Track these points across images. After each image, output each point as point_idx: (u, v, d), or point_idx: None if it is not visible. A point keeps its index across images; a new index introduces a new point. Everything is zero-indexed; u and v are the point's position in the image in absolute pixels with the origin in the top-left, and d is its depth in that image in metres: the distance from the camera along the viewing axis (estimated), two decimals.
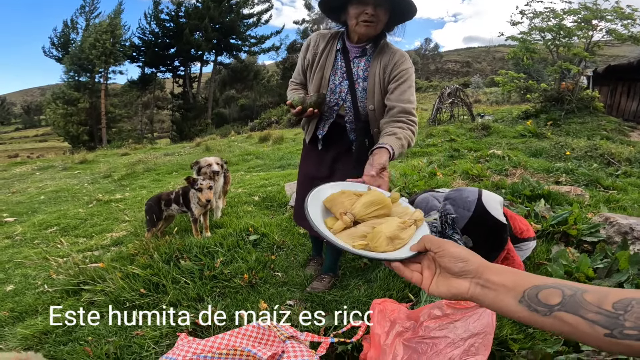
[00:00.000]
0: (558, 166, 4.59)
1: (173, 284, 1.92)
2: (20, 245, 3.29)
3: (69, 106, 24.10)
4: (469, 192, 1.87)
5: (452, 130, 7.42)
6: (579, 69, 8.27)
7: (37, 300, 2.03)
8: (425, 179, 3.84)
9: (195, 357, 1.26)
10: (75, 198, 5.08)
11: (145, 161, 7.41)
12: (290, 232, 2.63)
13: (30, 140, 48.56)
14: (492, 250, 1.76)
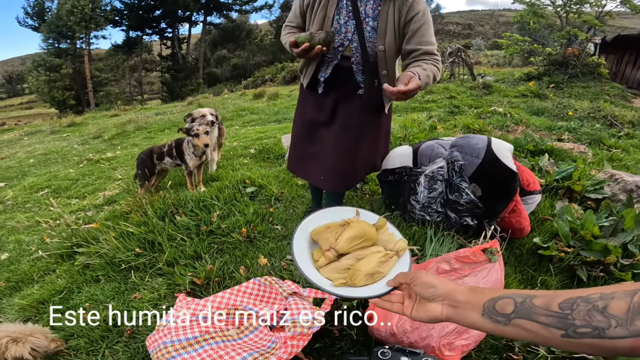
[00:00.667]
0: (560, 125, 4.54)
1: (169, 241, 1.86)
2: (12, 210, 3.23)
3: (51, 73, 23.26)
4: (477, 139, 1.78)
5: (452, 87, 7.23)
6: (588, 36, 8.17)
7: (32, 267, 1.98)
8: (426, 131, 3.75)
9: (194, 319, 1.21)
10: (65, 159, 4.93)
11: (135, 121, 7.18)
12: (288, 183, 2.55)
13: (15, 108, 46.90)
14: (501, 200, 1.70)
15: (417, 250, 1.70)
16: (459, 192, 1.71)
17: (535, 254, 1.77)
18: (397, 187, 1.94)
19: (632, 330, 0.43)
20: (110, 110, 12.26)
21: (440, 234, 1.74)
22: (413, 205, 1.87)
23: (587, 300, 0.48)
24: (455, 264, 1.39)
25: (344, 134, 1.59)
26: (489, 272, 1.38)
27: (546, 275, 1.62)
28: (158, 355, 1.09)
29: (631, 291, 0.46)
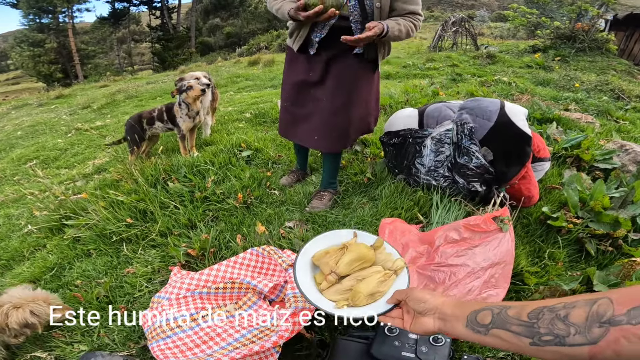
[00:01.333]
0: (567, 95, 4.43)
1: (162, 210, 1.76)
2: (0, 184, 3.10)
3: (35, 48, 22.26)
4: (489, 102, 1.67)
5: (454, 56, 7.01)
6: (599, 12, 7.93)
7: (22, 243, 1.90)
8: (428, 97, 3.62)
9: (189, 295, 1.14)
10: (53, 130, 4.75)
11: (126, 90, 6.90)
12: (285, 146, 2.43)
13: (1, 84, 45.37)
14: (514, 165, 1.61)
15: (423, 217, 1.63)
16: (468, 156, 1.61)
17: (543, 224, 1.69)
18: (401, 150, 1.84)
19: (589, 338, 0.45)
20: (100, 82, 11.80)
21: (447, 200, 1.66)
22: (418, 169, 1.78)
23: (551, 310, 0.50)
24: (465, 232, 1.31)
25: (337, 91, 1.57)
26: (499, 242, 1.31)
27: (554, 247, 1.54)
28: (153, 334, 1.02)
29: (591, 300, 0.48)
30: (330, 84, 1.57)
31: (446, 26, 8.85)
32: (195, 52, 25.59)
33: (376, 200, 1.81)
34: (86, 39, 25.70)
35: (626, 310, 0.43)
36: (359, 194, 1.88)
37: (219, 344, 0.98)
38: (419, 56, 7.82)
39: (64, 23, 23.50)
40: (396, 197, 1.74)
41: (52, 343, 1.20)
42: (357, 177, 1.98)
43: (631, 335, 0.42)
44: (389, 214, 1.63)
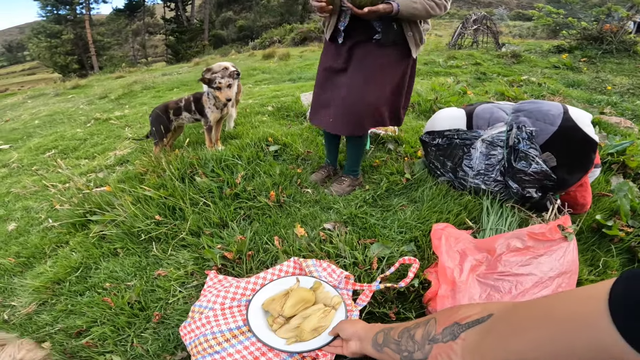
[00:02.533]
0: (600, 98, 4.24)
1: (191, 206, 1.67)
2: (18, 174, 3.02)
3: (52, 39, 22.55)
4: (550, 105, 1.56)
5: (476, 54, 6.81)
6: (628, 14, 7.74)
7: (42, 239, 1.79)
8: (457, 95, 3.48)
9: (235, 304, 1.03)
10: (71, 119, 4.69)
11: (142, 81, 6.84)
12: (313, 142, 2.32)
13: (17, 74, 46.06)
14: (576, 172, 1.49)
15: (472, 223, 1.51)
16: (526, 161, 1.48)
17: (596, 232, 1.59)
18: (446, 151, 1.72)
19: (424, 353, 0.52)
20: (115, 73, 11.81)
21: (498, 206, 1.54)
22: (465, 172, 1.65)
23: (408, 330, 0.59)
24: (529, 241, 1.20)
25: (354, 76, 1.60)
26: (564, 252, 1.20)
27: (607, 255, 1.45)
28: (198, 349, 0.92)
29: (426, 321, 0.56)
30: (351, 69, 1.61)
31: (467, 24, 8.61)
32: (208, 45, 25.64)
33: (417, 202, 1.69)
34: (102, 30, 25.97)
35: (441, 330, 0.51)
36: (397, 195, 1.77)
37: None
38: (438, 53, 7.62)
39: (81, 14, 23.81)
40: (441, 201, 1.62)
41: (82, 352, 1.11)
42: (394, 177, 1.86)
43: (442, 351, 0.48)
44: (435, 219, 1.51)
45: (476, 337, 0.46)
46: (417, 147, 2.23)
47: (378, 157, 2.14)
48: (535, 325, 0.39)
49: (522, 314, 0.42)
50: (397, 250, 1.36)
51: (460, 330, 0.48)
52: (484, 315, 0.46)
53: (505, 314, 0.44)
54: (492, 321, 0.45)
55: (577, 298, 0.38)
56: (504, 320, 0.44)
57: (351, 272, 1.24)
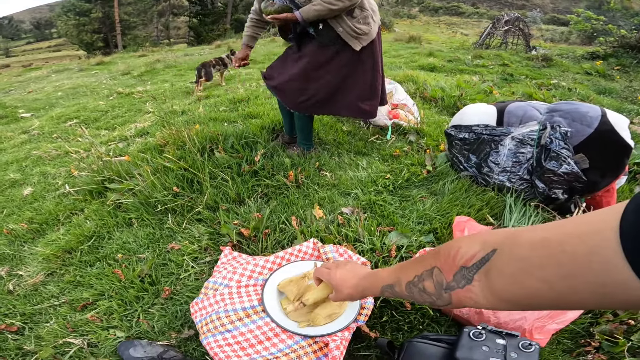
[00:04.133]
0: (630, 108, 4.08)
1: (209, 180, 1.66)
2: (38, 140, 3.04)
3: (80, 17, 22.91)
4: (588, 107, 1.51)
5: (505, 55, 6.63)
6: None
7: (57, 205, 1.78)
8: (483, 94, 3.39)
9: (252, 283, 1.01)
10: (94, 92, 4.76)
11: (164, 60, 6.89)
12: (332, 128, 2.29)
13: (43, 51, 47.02)
14: (608, 176, 1.46)
15: (493, 220, 1.46)
16: (557, 161, 1.43)
17: None
18: (473, 145, 1.67)
19: (444, 301, 0.52)
20: (138, 52, 11.93)
21: (521, 204, 1.49)
22: (491, 168, 1.60)
23: (414, 284, 0.58)
24: None
25: (300, 64, 1.73)
26: None
27: None
28: (209, 327, 0.90)
29: (429, 270, 0.54)
30: (301, 59, 1.74)
31: (498, 24, 8.36)
32: (230, 29, 25.67)
33: (437, 195, 1.65)
34: (129, 10, 26.22)
35: (452, 277, 0.49)
36: (418, 186, 1.73)
37: (277, 345, 0.88)
38: (463, 51, 7.44)
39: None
40: (462, 195, 1.58)
41: (86, 327, 1.09)
42: (415, 168, 1.82)
43: (462, 296, 0.48)
44: (456, 212, 1.47)
45: (487, 277, 0.44)
46: (440, 140, 2.18)
47: (399, 147, 2.10)
48: (546, 264, 0.37)
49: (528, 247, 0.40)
50: (416, 240, 1.32)
51: (471, 273, 0.47)
52: (487, 252, 0.45)
53: (509, 249, 0.42)
54: (498, 258, 0.43)
55: (586, 224, 0.35)
56: (510, 257, 0.42)
57: (369, 259, 1.22)
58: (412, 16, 29.45)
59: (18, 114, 4.12)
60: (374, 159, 1.98)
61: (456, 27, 23.16)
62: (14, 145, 2.97)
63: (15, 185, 2.21)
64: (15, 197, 2.04)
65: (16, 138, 3.18)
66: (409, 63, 5.66)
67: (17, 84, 7.28)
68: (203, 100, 3.34)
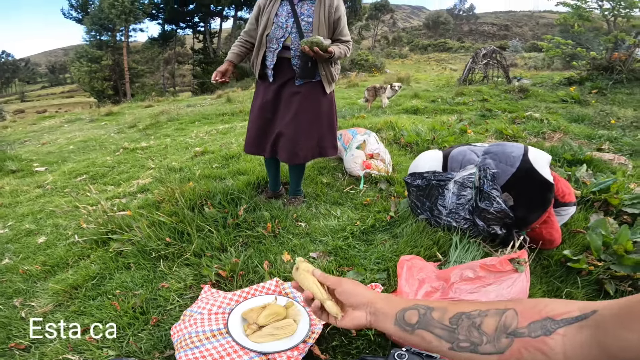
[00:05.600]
0: (601, 133, 4.31)
1: (197, 232, 1.93)
2: (51, 194, 3.34)
3: (92, 64, 24.51)
4: (513, 147, 1.73)
5: (485, 90, 7.00)
6: (635, 41, 7.73)
7: (68, 252, 2.05)
8: (456, 135, 3.66)
9: (220, 311, 1.26)
10: (102, 147, 5.19)
11: (168, 112, 7.44)
12: (313, 181, 2.57)
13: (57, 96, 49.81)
14: (534, 211, 1.64)
15: (441, 256, 1.68)
16: (489, 200, 1.66)
17: (563, 266, 1.71)
18: (425, 191, 1.91)
19: (498, 347, 0.48)
20: (145, 101, 12.78)
21: (466, 241, 1.71)
22: (440, 211, 1.84)
23: (469, 317, 0.53)
24: (480, 272, 1.36)
25: (285, 111, 1.99)
26: (514, 282, 1.35)
27: (572, 287, 1.57)
28: (182, 344, 1.13)
29: (501, 310, 0.51)
30: (282, 106, 2.00)
31: (477, 58, 8.88)
32: (232, 77, 27.00)
33: (398, 237, 1.88)
34: (137, 58, 27.92)
35: (527, 324, 0.47)
36: (381, 231, 1.97)
37: None
38: (448, 89, 7.88)
39: (120, 41, 25.76)
40: (417, 236, 1.81)
41: (84, 346, 1.31)
42: (380, 215, 2.07)
43: (530, 347, 0.46)
44: (408, 251, 1.70)
45: (581, 333, 0.43)
46: None
47: (370, 195, 2.35)
48: None
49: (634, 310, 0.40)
50: (370, 277, 1.55)
51: (556, 326, 0.45)
52: (586, 312, 0.44)
53: (613, 310, 0.42)
54: (599, 317, 0.43)
55: None
56: (614, 317, 0.41)
57: None
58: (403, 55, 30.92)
59: (33, 167, 4.49)
60: (347, 208, 2.23)
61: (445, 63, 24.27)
62: (30, 199, 3.29)
63: (31, 234, 2.49)
64: (31, 244, 2.32)
65: (31, 192, 3.49)
66: (394, 107, 6.02)
67: (32, 133, 7.79)
68: (199, 156, 3.69)
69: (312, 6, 1.94)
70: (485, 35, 33.11)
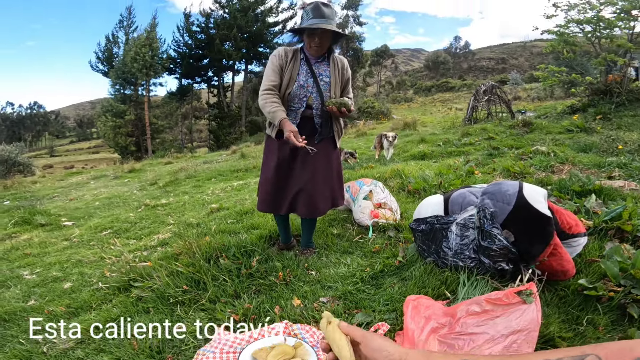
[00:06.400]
0: (610, 161, 4.27)
1: (213, 281, 2.03)
2: (77, 247, 3.54)
3: (117, 118, 25.63)
4: (508, 185, 1.81)
5: (490, 128, 7.12)
6: (625, 61, 7.75)
7: (91, 296, 2.18)
8: (462, 177, 3.72)
9: (232, 350, 1.34)
10: (126, 203, 5.50)
11: (186, 169, 7.86)
12: (323, 232, 2.66)
13: (84, 152, 53.08)
14: (536, 244, 1.68)
15: (450, 294, 1.70)
16: (491, 239, 1.72)
17: (580, 295, 1.70)
18: (429, 235, 1.98)
19: None
20: (165, 158, 13.55)
21: (474, 278, 1.73)
22: (445, 252, 1.89)
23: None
24: (487, 305, 1.38)
25: (306, 167, 2.07)
26: (523, 312, 1.36)
27: (594, 314, 1.55)
28: None
29: (578, 357, 0.47)
30: (300, 162, 2.08)
31: (478, 96, 9.12)
32: (245, 132, 28.14)
33: (406, 280, 1.92)
34: (157, 113, 29.08)
35: None
36: (390, 275, 2.02)
37: None
38: (454, 131, 8.01)
39: (142, 96, 26.94)
40: (425, 278, 1.85)
41: None
42: (389, 260, 2.13)
43: None
44: (417, 292, 1.73)
45: None
46: None
47: (379, 243, 2.42)
48: None
49: None
50: (378, 317, 1.58)
51: None
52: None
53: None
54: None
55: None
56: None
57: None
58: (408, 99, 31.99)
59: (61, 222, 4.75)
60: (357, 256, 2.30)
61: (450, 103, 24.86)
62: (57, 250, 3.47)
63: (57, 280, 2.63)
64: (56, 289, 2.45)
65: (59, 244, 3.69)
66: (401, 154, 6.17)
67: (60, 189, 8.28)
68: (215, 212, 3.88)
69: (328, 67, 2.10)
70: (485, 71, 34.24)
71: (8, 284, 2.63)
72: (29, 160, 16.78)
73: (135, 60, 25.07)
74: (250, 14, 29.03)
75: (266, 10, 30.11)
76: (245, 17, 28.77)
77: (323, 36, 1.99)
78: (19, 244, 3.66)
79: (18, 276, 2.77)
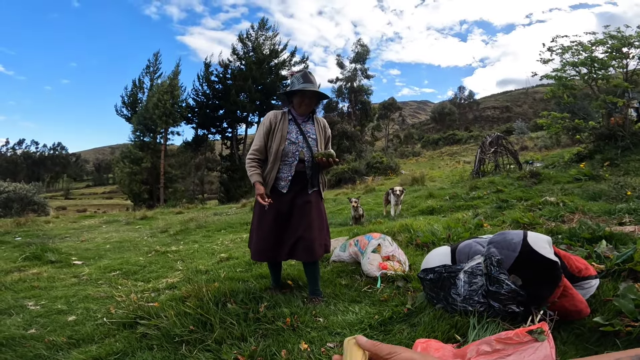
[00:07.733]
0: (620, 207, 4.23)
1: (220, 323, 2.02)
2: (85, 284, 3.51)
3: (134, 165, 25.81)
4: (513, 234, 1.89)
5: (497, 180, 7.11)
6: (624, 101, 7.73)
7: (95, 330, 2.17)
8: (471, 230, 3.71)
9: None
10: (136, 248, 5.55)
11: (197, 219, 7.92)
12: (332, 282, 2.69)
13: (98, 197, 54.15)
14: (545, 287, 1.70)
15: (460, 337, 1.67)
16: (499, 284, 1.74)
17: (597, 332, 1.65)
18: (438, 283, 2.01)
19: None
20: (176, 207, 13.76)
21: (485, 321, 1.71)
22: (454, 299, 1.90)
23: None
24: (497, 345, 1.36)
25: (301, 218, 2.28)
26: (536, 350, 1.34)
27: (613, 349, 1.49)
28: None
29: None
30: (296, 213, 2.29)
31: (484, 148, 9.21)
32: None
33: (415, 326, 1.90)
34: (172, 162, 29.17)
35: None
36: (399, 322, 1.99)
37: None
38: (462, 184, 8.01)
39: (159, 144, 27.13)
40: (434, 323, 1.83)
41: None
42: (398, 308, 2.13)
43: None
44: (426, 336, 1.70)
45: None
46: None
47: (388, 292, 2.42)
48: None
49: None
50: None
51: None
52: None
53: None
54: None
55: None
56: None
57: None
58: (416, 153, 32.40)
59: (71, 260, 4.71)
60: (365, 304, 2.29)
61: (458, 156, 24.90)
62: (65, 285, 3.44)
63: (61, 313, 2.61)
64: (60, 320, 2.43)
65: (67, 280, 3.66)
66: (410, 209, 6.20)
67: (72, 230, 8.29)
68: (225, 261, 3.92)
69: (313, 126, 2.44)
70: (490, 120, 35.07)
71: (10, 312, 2.62)
72: (45, 201, 16.95)
73: (157, 107, 25.61)
74: (264, 66, 30.50)
75: (279, 64, 31.68)
76: (260, 69, 30.17)
77: (312, 97, 2.36)
78: (27, 277, 3.64)
79: (22, 306, 2.76)
